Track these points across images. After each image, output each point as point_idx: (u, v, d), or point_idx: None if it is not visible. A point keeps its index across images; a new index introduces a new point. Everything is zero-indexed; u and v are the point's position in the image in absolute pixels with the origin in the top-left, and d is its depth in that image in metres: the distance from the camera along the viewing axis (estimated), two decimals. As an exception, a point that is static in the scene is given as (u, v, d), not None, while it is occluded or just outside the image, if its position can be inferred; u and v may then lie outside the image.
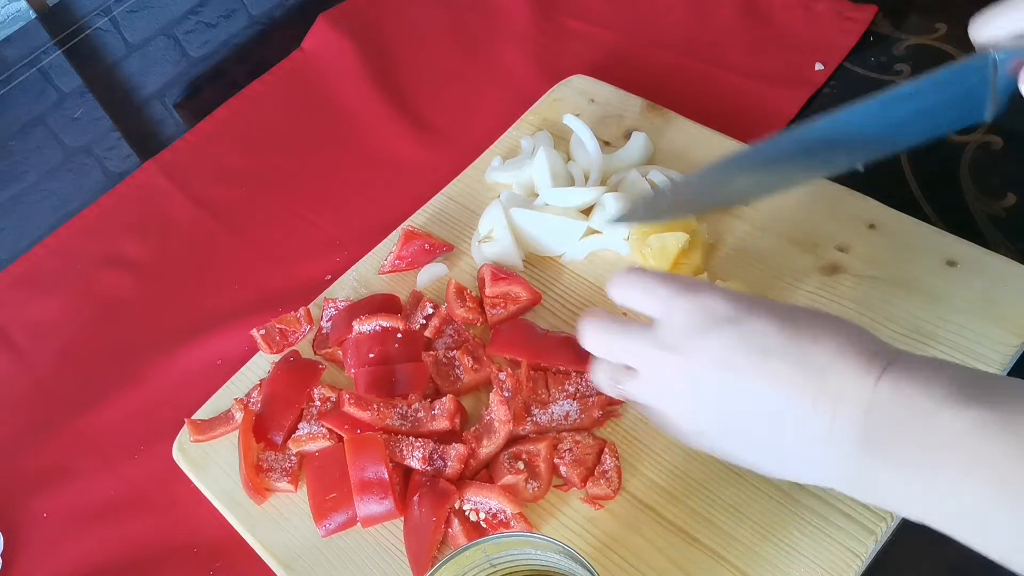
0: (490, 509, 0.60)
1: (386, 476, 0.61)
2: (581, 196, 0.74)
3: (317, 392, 0.70)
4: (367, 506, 0.61)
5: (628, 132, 0.81)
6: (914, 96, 0.53)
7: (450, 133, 0.91)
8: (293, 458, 0.67)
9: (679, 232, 0.68)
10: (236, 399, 0.71)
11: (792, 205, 0.73)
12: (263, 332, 0.75)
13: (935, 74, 0.52)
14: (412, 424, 0.65)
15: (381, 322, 0.70)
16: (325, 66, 1.02)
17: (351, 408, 0.65)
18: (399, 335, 0.70)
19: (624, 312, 0.70)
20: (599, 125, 0.82)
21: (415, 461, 0.62)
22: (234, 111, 1.00)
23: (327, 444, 0.66)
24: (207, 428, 0.70)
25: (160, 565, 0.68)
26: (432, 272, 0.76)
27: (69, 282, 0.88)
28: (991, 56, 0.50)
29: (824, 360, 0.45)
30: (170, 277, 0.87)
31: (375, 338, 0.70)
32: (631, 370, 0.52)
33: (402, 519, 0.62)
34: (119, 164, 1.00)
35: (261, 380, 0.73)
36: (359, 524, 0.62)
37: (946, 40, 0.85)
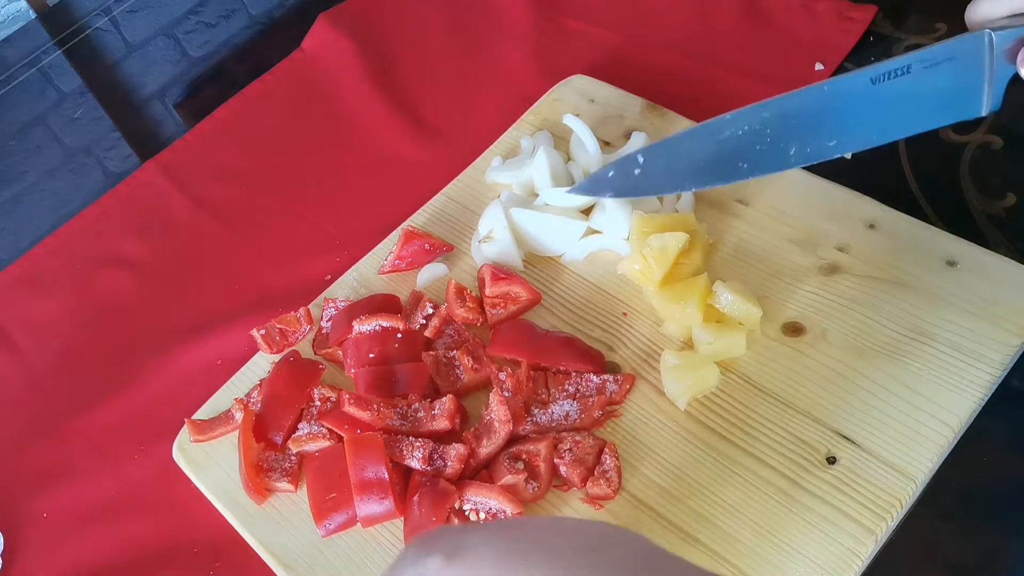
0: (490, 509, 0.60)
1: (386, 476, 0.61)
2: (581, 196, 0.74)
3: (317, 392, 0.70)
4: (367, 506, 0.61)
5: (628, 132, 0.81)
6: (905, 73, 0.52)
7: (450, 133, 0.91)
8: (293, 458, 0.67)
9: (679, 232, 0.68)
10: (236, 399, 0.71)
11: (792, 205, 0.73)
12: (263, 332, 0.75)
13: (928, 49, 0.52)
14: (412, 424, 0.65)
15: (381, 322, 0.70)
16: (325, 66, 1.02)
17: (351, 408, 0.65)
18: (399, 335, 0.70)
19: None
20: (599, 125, 0.82)
21: (415, 461, 0.62)
22: (234, 111, 1.00)
23: (327, 444, 0.66)
24: (207, 428, 0.70)
25: (160, 565, 0.68)
26: (432, 272, 0.76)
27: (69, 282, 0.89)
28: (986, 33, 0.50)
29: None
30: (170, 277, 0.87)
31: (375, 338, 0.70)
32: None
33: (402, 519, 0.62)
34: (119, 164, 1.00)
35: (261, 380, 0.73)
36: (359, 524, 0.62)
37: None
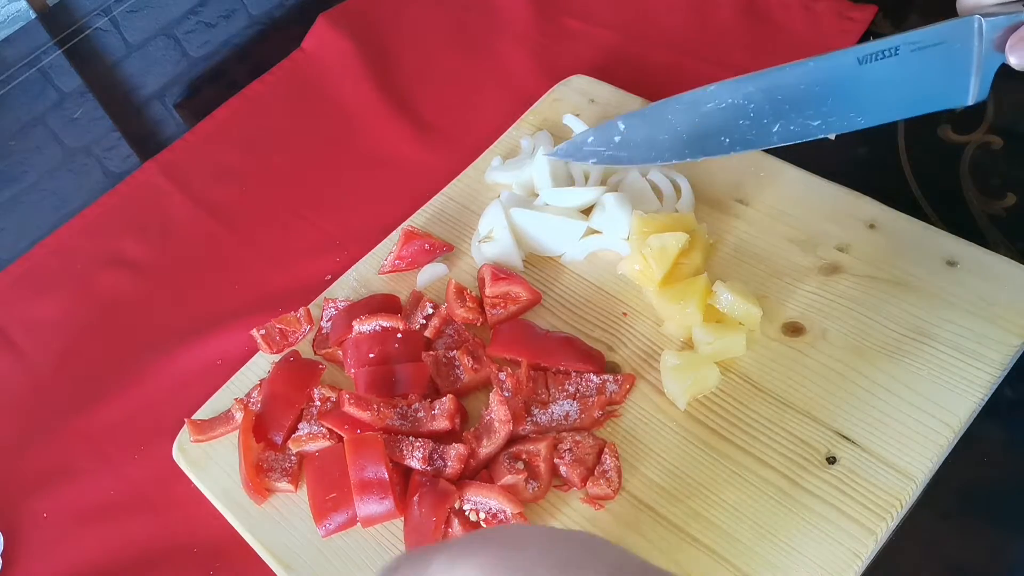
0: (490, 509, 0.60)
1: (386, 476, 0.61)
2: (581, 196, 0.74)
3: (317, 392, 0.70)
4: (367, 506, 0.61)
5: (628, 132, 0.81)
6: (893, 54, 0.52)
7: (450, 133, 0.91)
8: (293, 458, 0.67)
9: (679, 232, 0.68)
10: (236, 399, 0.71)
11: (792, 205, 0.73)
12: (263, 332, 0.75)
13: (917, 31, 0.52)
14: (412, 424, 0.65)
15: (381, 322, 0.70)
16: (325, 66, 1.02)
17: (351, 408, 0.65)
18: (399, 335, 0.70)
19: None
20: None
21: (415, 461, 0.62)
22: (234, 111, 1.00)
23: (327, 444, 0.66)
24: (207, 428, 0.70)
25: (160, 565, 0.68)
26: (432, 272, 0.76)
27: (69, 282, 0.89)
28: (976, 19, 0.50)
29: None
30: (170, 277, 0.87)
31: (375, 338, 0.70)
32: None
33: (402, 519, 0.62)
34: (119, 164, 1.00)
35: (261, 380, 0.73)
36: (359, 524, 0.62)
37: (946, 40, 0.85)
